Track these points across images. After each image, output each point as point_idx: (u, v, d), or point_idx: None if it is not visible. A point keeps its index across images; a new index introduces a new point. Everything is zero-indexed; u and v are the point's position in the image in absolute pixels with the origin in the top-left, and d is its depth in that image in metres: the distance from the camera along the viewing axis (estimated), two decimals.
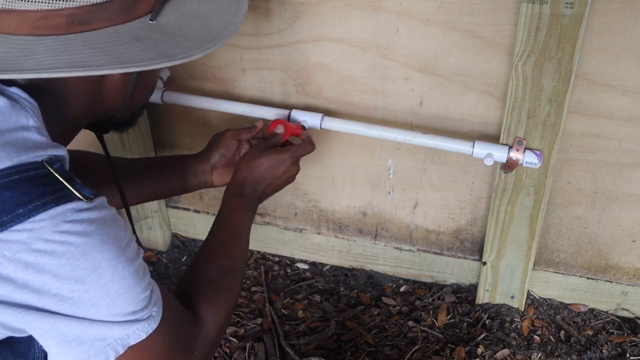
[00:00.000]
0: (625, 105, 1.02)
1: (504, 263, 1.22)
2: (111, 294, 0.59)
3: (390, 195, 1.29)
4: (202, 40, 0.71)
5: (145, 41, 0.66)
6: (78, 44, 0.62)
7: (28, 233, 0.53)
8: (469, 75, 1.07)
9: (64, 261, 0.55)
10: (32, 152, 0.56)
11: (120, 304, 0.60)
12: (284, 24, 1.12)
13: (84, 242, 0.56)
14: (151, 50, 0.65)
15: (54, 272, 0.55)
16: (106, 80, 0.70)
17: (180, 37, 0.69)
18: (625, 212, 1.14)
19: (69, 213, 0.55)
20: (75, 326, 0.58)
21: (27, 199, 0.53)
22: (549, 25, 0.93)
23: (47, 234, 0.54)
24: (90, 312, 0.58)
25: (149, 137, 1.38)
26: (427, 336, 1.23)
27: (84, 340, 0.59)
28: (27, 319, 0.56)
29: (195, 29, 0.71)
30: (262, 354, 1.20)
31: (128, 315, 0.61)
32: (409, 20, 1.04)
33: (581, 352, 1.17)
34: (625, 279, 1.22)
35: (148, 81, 0.79)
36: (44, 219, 0.54)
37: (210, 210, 1.48)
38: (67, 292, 0.56)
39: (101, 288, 0.58)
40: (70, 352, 0.59)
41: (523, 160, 1.04)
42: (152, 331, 0.63)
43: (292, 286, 1.39)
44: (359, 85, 1.15)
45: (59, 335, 0.58)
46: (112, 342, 0.60)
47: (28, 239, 0.53)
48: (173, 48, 0.67)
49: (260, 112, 1.15)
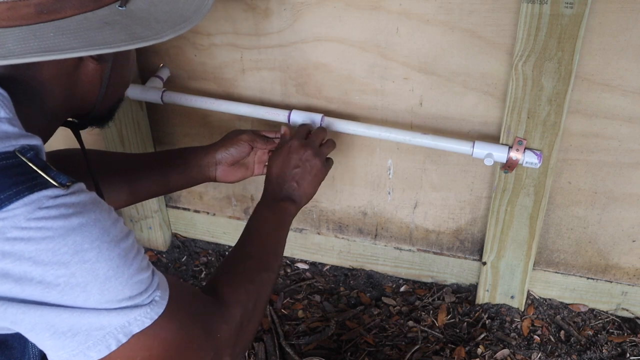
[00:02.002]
0: (625, 105, 1.02)
1: (504, 263, 1.22)
2: (100, 277, 0.56)
3: (390, 195, 1.29)
4: (173, 22, 0.70)
5: (116, 25, 0.65)
6: (48, 31, 0.61)
7: (2, 222, 0.52)
8: (469, 75, 1.07)
9: (43, 246, 0.53)
10: (3, 143, 0.55)
11: (112, 288, 0.57)
12: (284, 24, 1.12)
13: (61, 226, 0.54)
14: (122, 32, 0.65)
15: (34, 259, 0.53)
16: (80, 71, 0.70)
17: (150, 21, 0.68)
18: (625, 212, 1.14)
19: (43, 200, 0.54)
20: (66, 316, 0.55)
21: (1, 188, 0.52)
22: (549, 25, 0.93)
23: (21, 222, 0.52)
24: (80, 299, 0.56)
25: (149, 137, 1.38)
26: (427, 336, 1.23)
27: (79, 330, 0.56)
28: (10, 311, 0.54)
29: (166, 13, 0.71)
30: (262, 354, 1.20)
31: (124, 300, 0.58)
32: (409, 20, 1.04)
33: (581, 352, 1.17)
34: (625, 279, 1.22)
35: (123, 72, 0.78)
36: (18, 207, 0.52)
37: (210, 210, 1.48)
38: (52, 279, 0.54)
39: (88, 271, 0.55)
40: (66, 343, 0.56)
41: (523, 160, 1.04)
42: (157, 317, 0.61)
43: (292, 286, 1.39)
44: (359, 85, 1.15)
45: (50, 327, 0.55)
46: (112, 331, 0.57)
47: (2, 228, 0.52)
48: (144, 30, 0.67)
49: (260, 112, 1.15)
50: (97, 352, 0.57)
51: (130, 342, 0.58)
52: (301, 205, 0.98)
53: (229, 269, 0.81)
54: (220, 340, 0.70)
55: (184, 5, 0.74)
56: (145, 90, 1.18)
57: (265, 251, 0.87)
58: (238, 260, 0.83)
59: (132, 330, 0.58)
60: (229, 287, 0.76)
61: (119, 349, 0.58)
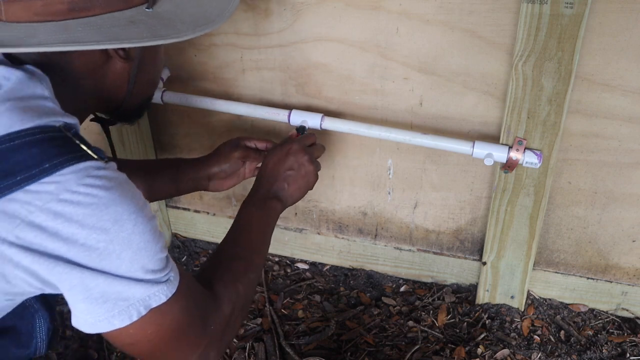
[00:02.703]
0: (625, 105, 1.02)
1: (504, 263, 1.22)
2: (133, 246, 0.62)
3: (390, 195, 1.29)
4: (195, 24, 0.75)
5: (141, 24, 0.70)
6: (76, 27, 0.67)
7: (55, 185, 0.58)
8: (469, 75, 1.07)
9: (89, 211, 0.59)
10: (50, 117, 0.61)
11: (141, 259, 0.63)
12: (284, 24, 1.12)
13: (105, 195, 0.60)
14: (145, 31, 0.70)
15: (81, 222, 0.58)
16: (109, 68, 0.75)
17: (176, 22, 0.74)
18: (625, 212, 1.14)
19: (90, 169, 0.60)
20: (101, 281, 0.61)
21: (51, 155, 0.58)
22: (549, 25, 0.93)
23: (72, 186, 0.58)
24: (114, 265, 0.61)
25: (149, 137, 1.38)
26: (427, 336, 1.23)
27: (108, 298, 0.62)
28: (57, 270, 0.59)
29: (190, 15, 0.76)
30: (262, 354, 1.20)
31: (148, 273, 0.64)
32: (409, 20, 1.04)
33: (581, 352, 1.17)
34: (625, 279, 1.22)
35: (150, 72, 0.83)
36: (69, 173, 0.59)
37: (210, 210, 1.48)
38: (94, 242, 0.59)
39: (124, 240, 0.61)
40: (96, 309, 0.62)
41: (523, 160, 1.04)
42: (171, 295, 0.66)
43: (292, 286, 1.39)
44: (359, 85, 1.15)
45: (86, 290, 0.61)
46: (135, 303, 0.63)
47: (56, 190, 0.58)
48: (167, 30, 0.72)
49: (260, 112, 1.15)
50: (120, 320, 0.63)
51: (146, 316, 0.64)
52: (286, 206, 1.00)
53: (220, 266, 0.84)
54: (212, 332, 0.74)
55: (208, 9, 0.79)
56: None
57: (252, 251, 0.90)
58: (229, 259, 0.86)
59: (151, 304, 0.64)
60: (221, 284, 0.79)
61: (135, 322, 0.64)
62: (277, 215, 0.98)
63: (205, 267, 0.84)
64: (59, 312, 1.32)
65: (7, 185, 0.57)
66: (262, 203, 0.97)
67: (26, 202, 0.57)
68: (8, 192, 0.57)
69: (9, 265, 0.59)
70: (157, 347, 0.68)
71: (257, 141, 1.13)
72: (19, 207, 0.57)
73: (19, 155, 0.57)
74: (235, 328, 0.82)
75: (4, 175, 0.57)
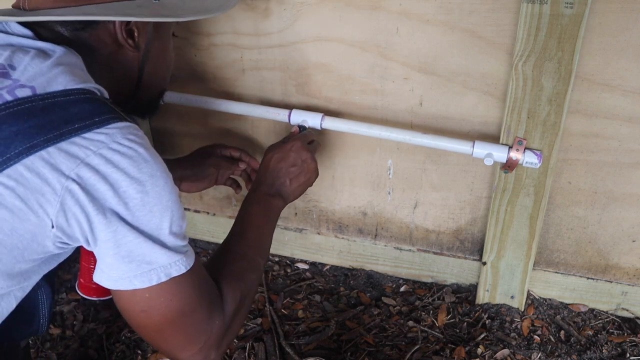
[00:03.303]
0: (625, 105, 1.02)
1: (504, 263, 1.22)
2: (163, 202, 0.69)
3: (390, 195, 1.29)
4: (196, 12, 0.85)
5: (147, 8, 0.80)
6: (91, 8, 0.75)
7: (105, 136, 0.66)
8: (469, 75, 1.07)
9: (132, 162, 0.66)
10: (91, 84, 0.71)
11: (169, 217, 0.69)
12: (284, 24, 1.12)
13: (144, 152, 0.68)
14: (149, 12, 0.79)
15: (125, 170, 0.66)
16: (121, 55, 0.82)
17: (177, 9, 0.83)
18: (625, 212, 1.14)
19: (130, 128, 0.69)
20: (131, 238, 0.67)
21: (100, 112, 0.68)
22: (549, 25, 0.93)
23: (119, 138, 0.67)
24: (146, 219, 0.67)
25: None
26: (427, 336, 1.23)
27: (134, 258, 0.67)
28: (99, 217, 0.65)
29: (193, 7, 0.86)
30: (262, 354, 1.20)
31: (172, 236, 0.70)
32: (409, 20, 1.04)
33: (581, 352, 1.17)
34: (625, 279, 1.22)
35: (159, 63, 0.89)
36: (115, 128, 0.67)
37: (210, 210, 1.48)
38: (133, 192, 0.66)
39: (157, 194, 0.68)
40: (121, 267, 0.68)
41: (523, 160, 1.04)
42: (189, 267, 0.72)
43: (292, 286, 1.39)
44: (359, 85, 1.15)
45: (116, 246, 0.67)
46: (157, 268, 0.69)
47: (106, 140, 0.66)
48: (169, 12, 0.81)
49: (260, 112, 1.15)
50: (140, 282, 0.68)
51: (164, 283, 0.69)
52: (288, 202, 1.02)
53: (224, 266, 0.85)
54: (215, 328, 0.76)
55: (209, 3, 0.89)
56: None
57: (255, 249, 0.92)
58: (232, 258, 0.88)
59: (172, 273, 0.70)
60: (225, 285, 0.81)
61: (153, 287, 0.69)
62: (279, 211, 1.00)
63: (209, 266, 0.84)
64: (59, 312, 1.32)
65: (69, 130, 0.65)
66: (265, 200, 0.98)
67: (84, 146, 0.65)
68: (69, 136, 0.65)
69: (70, 201, 0.65)
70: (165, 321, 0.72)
71: (232, 150, 1.19)
72: (78, 149, 0.65)
73: (75, 108, 0.66)
74: (237, 328, 0.83)
75: (65, 121, 0.65)
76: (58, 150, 0.64)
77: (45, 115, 0.65)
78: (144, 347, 1.23)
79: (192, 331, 0.74)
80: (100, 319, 1.30)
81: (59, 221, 0.66)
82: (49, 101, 0.66)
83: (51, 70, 0.69)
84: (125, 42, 0.80)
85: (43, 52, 0.72)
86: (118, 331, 1.27)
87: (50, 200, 0.64)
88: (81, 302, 1.34)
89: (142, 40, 0.83)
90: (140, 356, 1.21)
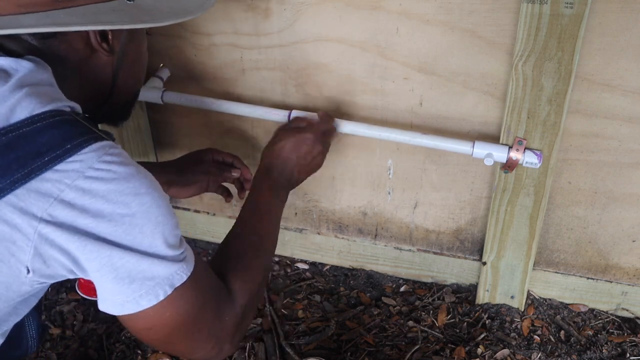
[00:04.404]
0: (625, 105, 1.02)
1: (504, 263, 1.22)
2: (152, 220, 0.64)
3: (390, 195, 1.29)
4: (175, 14, 0.78)
5: (122, 12, 0.73)
6: (60, 14, 0.68)
7: (80, 163, 0.61)
8: (469, 75, 1.07)
9: (112, 186, 0.62)
10: (61, 102, 0.64)
11: (161, 233, 0.65)
12: (284, 24, 1.12)
13: (124, 170, 0.63)
14: (126, 17, 0.73)
15: (106, 197, 0.61)
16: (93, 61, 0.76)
17: (155, 13, 0.76)
18: (625, 212, 1.14)
19: (106, 147, 0.63)
20: (127, 259, 0.63)
21: (71, 136, 0.62)
22: (549, 25, 0.93)
23: (94, 163, 0.61)
24: (138, 239, 0.63)
25: (149, 137, 1.38)
26: (427, 336, 1.23)
27: (135, 277, 0.64)
28: (88, 248, 0.61)
29: (170, 8, 0.79)
30: (262, 354, 1.20)
31: (169, 247, 0.66)
32: (409, 20, 1.04)
33: (581, 352, 1.17)
34: (625, 279, 1.22)
35: (133, 67, 0.84)
36: (90, 151, 0.62)
37: (210, 210, 1.48)
38: (119, 217, 0.62)
39: (144, 213, 0.64)
40: (123, 289, 0.64)
41: (523, 160, 1.04)
42: (190, 274, 0.68)
43: (292, 286, 1.39)
44: (359, 85, 1.15)
45: (114, 270, 0.63)
46: (160, 282, 0.65)
47: (80, 168, 0.61)
48: (147, 17, 0.75)
49: (260, 112, 1.15)
50: (147, 301, 0.65)
51: (170, 296, 0.66)
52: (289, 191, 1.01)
53: (236, 259, 0.83)
54: (226, 324, 0.75)
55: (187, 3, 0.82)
56: (146, 90, 1.18)
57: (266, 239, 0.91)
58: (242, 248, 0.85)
59: (175, 283, 0.66)
60: (238, 279, 0.79)
61: (160, 303, 0.66)
62: (286, 199, 0.99)
63: (219, 257, 0.83)
64: (59, 312, 1.32)
65: (38, 165, 0.59)
66: (275, 188, 0.96)
67: (57, 180, 0.60)
68: (40, 172, 0.59)
69: (45, 245, 0.61)
70: (173, 332, 0.69)
71: (225, 155, 1.15)
72: (51, 185, 0.59)
73: (44, 136, 0.60)
74: (249, 319, 0.81)
75: (34, 155, 0.59)
76: (27, 192, 0.59)
77: (10, 152, 0.59)
78: (144, 347, 1.23)
79: (202, 334, 0.72)
80: (100, 319, 1.30)
81: (35, 266, 0.62)
82: (13, 135, 0.59)
83: (13, 94, 0.61)
84: (99, 47, 0.74)
85: (3, 71, 0.64)
86: (118, 331, 1.27)
87: (23, 247, 0.60)
88: (81, 302, 1.34)
89: (116, 43, 0.76)
90: (140, 356, 1.21)
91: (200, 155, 1.15)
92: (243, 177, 1.17)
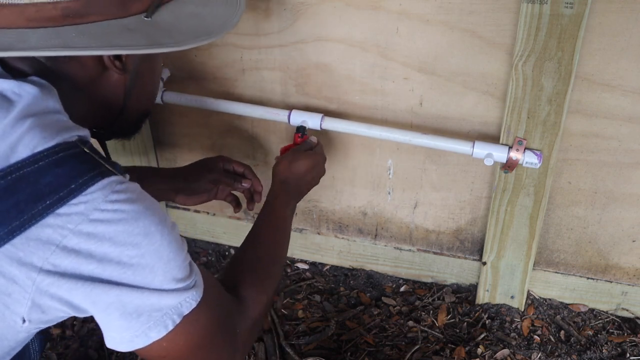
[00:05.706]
0: (625, 105, 1.02)
1: (504, 263, 1.22)
2: (163, 258, 0.61)
3: (390, 195, 1.29)
4: (195, 35, 0.72)
5: (138, 32, 0.67)
6: (70, 33, 0.63)
7: (84, 205, 0.57)
8: (469, 75, 1.07)
9: (120, 228, 0.58)
10: (67, 133, 0.60)
11: (172, 269, 0.62)
12: (284, 24, 1.12)
13: (132, 209, 0.59)
14: (143, 38, 0.66)
15: (113, 239, 0.58)
16: (105, 79, 0.71)
17: (173, 32, 0.70)
18: (625, 212, 1.14)
19: (114, 184, 0.59)
20: (136, 296, 0.60)
21: (76, 174, 0.57)
22: (549, 25, 0.93)
23: (100, 204, 0.57)
24: (149, 279, 0.61)
25: (149, 137, 1.38)
26: (427, 336, 1.23)
27: (143, 311, 0.61)
28: (94, 292, 0.58)
29: (190, 27, 0.72)
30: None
31: (179, 281, 0.63)
32: (409, 20, 1.04)
33: (581, 352, 1.17)
34: (625, 279, 1.22)
35: (147, 85, 0.79)
36: (95, 191, 0.57)
37: (210, 211, 1.48)
38: (127, 259, 0.59)
39: (155, 253, 0.61)
40: (132, 324, 0.61)
41: (523, 160, 1.04)
42: (199, 299, 0.66)
43: (292, 286, 1.39)
44: (359, 85, 1.15)
45: (121, 307, 0.60)
46: (168, 312, 0.63)
47: (85, 211, 0.57)
48: (165, 38, 0.68)
49: (260, 112, 1.15)
50: (157, 332, 0.63)
51: (180, 325, 0.64)
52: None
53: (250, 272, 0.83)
54: (240, 336, 0.74)
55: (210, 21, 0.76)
56: None
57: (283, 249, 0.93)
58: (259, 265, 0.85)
59: (183, 312, 0.64)
60: (251, 291, 0.79)
61: (170, 333, 0.63)
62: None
63: (232, 268, 0.83)
64: None
65: (39, 210, 0.55)
66: (292, 204, 1.00)
67: (59, 226, 0.56)
68: (40, 217, 0.55)
69: (45, 297, 0.57)
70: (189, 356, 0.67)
71: (236, 164, 1.13)
72: (52, 232, 0.56)
73: (46, 177, 0.56)
74: (260, 327, 0.83)
75: (35, 199, 0.55)
76: (26, 240, 0.55)
77: (9, 197, 0.54)
78: None
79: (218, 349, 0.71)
80: None
81: (33, 316, 0.59)
82: (13, 177, 0.55)
83: (15, 128, 0.56)
84: (112, 65, 0.69)
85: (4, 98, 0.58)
86: None
87: (19, 300, 0.57)
88: None
89: (130, 62, 0.72)
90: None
91: (209, 163, 1.13)
92: (253, 189, 1.15)
